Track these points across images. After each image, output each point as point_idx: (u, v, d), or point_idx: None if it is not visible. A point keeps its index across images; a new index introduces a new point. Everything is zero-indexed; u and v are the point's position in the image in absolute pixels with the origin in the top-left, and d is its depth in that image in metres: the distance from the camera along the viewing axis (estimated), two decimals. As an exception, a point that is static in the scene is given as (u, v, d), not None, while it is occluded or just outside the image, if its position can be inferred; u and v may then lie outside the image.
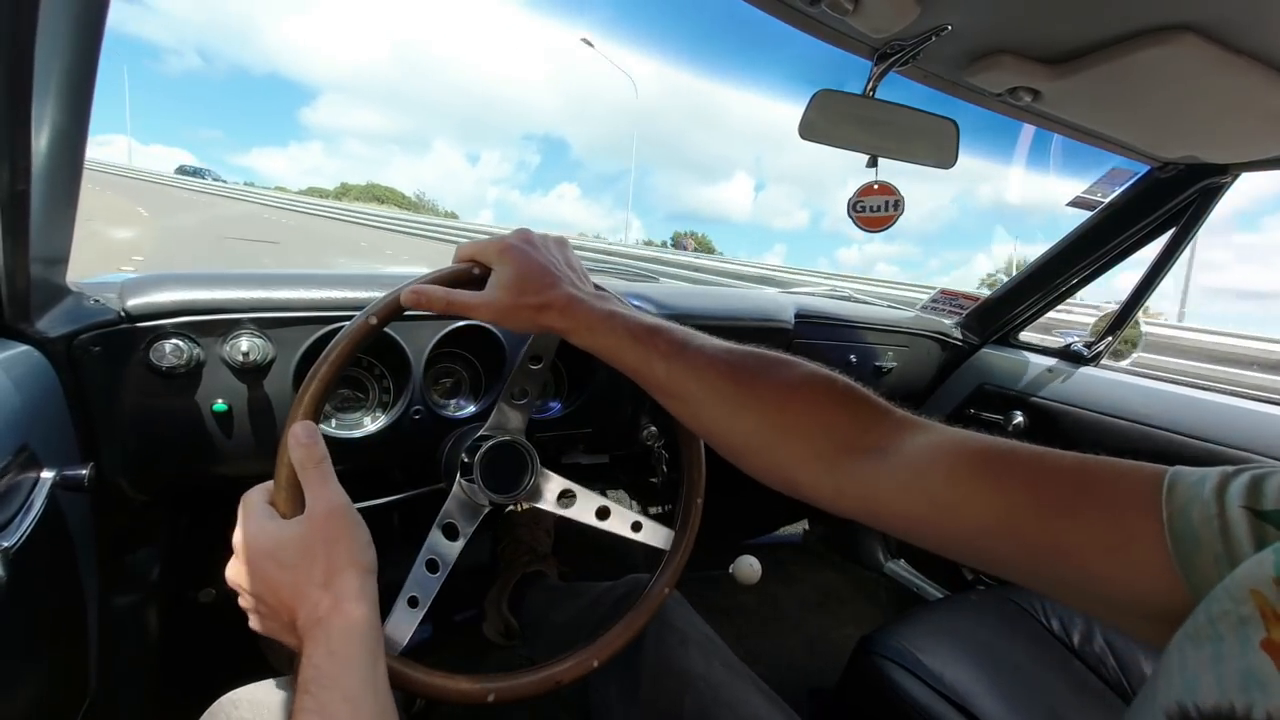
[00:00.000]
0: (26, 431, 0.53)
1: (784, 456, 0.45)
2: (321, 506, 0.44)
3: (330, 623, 0.40)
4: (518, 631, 1.04)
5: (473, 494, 0.59)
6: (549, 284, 0.50)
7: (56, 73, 0.45)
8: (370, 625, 0.41)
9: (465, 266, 0.53)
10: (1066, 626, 0.91)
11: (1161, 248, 1.14)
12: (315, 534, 0.43)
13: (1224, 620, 0.24)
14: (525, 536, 1.17)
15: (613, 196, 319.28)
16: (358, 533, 0.45)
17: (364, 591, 0.42)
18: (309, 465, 0.45)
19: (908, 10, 0.58)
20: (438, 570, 0.56)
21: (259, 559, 0.43)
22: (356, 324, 0.49)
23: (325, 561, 0.42)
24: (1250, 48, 0.56)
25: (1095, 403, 1.21)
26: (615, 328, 0.49)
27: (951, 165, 0.82)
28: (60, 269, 0.63)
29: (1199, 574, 0.29)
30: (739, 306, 1.15)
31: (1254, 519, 0.28)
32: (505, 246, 0.51)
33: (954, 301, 1.53)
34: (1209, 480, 0.31)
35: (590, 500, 0.63)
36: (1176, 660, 0.25)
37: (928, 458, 0.39)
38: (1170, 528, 0.30)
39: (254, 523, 0.44)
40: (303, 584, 0.41)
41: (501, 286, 0.50)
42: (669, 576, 0.65)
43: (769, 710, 0.63)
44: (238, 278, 0.74)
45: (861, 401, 0.44)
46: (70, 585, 0.65)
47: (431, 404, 0.83)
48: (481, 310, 0.50)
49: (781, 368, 0.46)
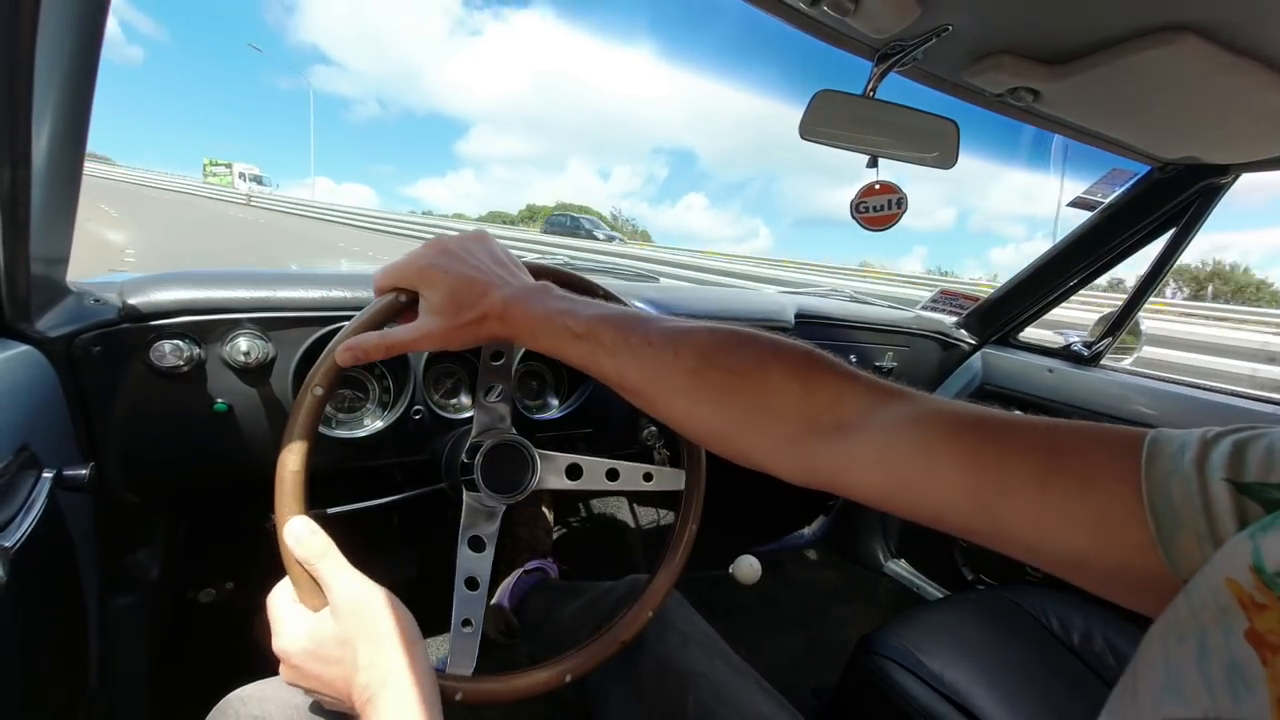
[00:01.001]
0: (27, 431, 0.53)
1: (745, 443, 0.43)
2: (344, 596, 0.44)
3: (381, 700, 0.41)
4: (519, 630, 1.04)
5: (482, 501, 0.59)
6: (480, 293, 0.47)
7: (57, 74, 0.45)
8: (422, 690, 0.42)
9: (390, 299, 0.49)
10: (1067, 626, 0.91)
11: (1162, 248, 1.14)
12: (348, 623, 0.43)
13: (1204, 611, 0.23)
14: (525, 535, 1.17)
15: (740, 204, 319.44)
16: (389, 608, 0.45)
17: (413, 661, 0.43)
18: (316, 559, 0.45)
19: (908, 11, 0.58)
20: (478, 587, 0.57)
21: (304, 660, 0.44)
22: (305, 401, 0.48)
23: (366, 645, 0.43)
24: (1250, 48, 0.56)
25: (1096, 403, 1.21)
26: (555, 327, 0.46)
27: (951, 166, 0.82)
28: (60, 269, 0.63)
29: (1182, 553, 0.28)
30: (739, 307, 1.15)
31: (1235, 493, 0.27)
32: (422, 266, 0.48)
33: (954, 301, 1.53)
34: (1189, 448, 0.29)
35: (597, 466, 0.64)
36: (1160, 654, 0.24)
37: (895, 432, 0.38)
38: (1150, 505, 0.28)
39: (288, 626, 0.45)
40: (350, 672, 0.42)
41: (433, 311, 0.47)
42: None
43: (772, 709, 0.63)
44: (238, 277, 0.74)
45: (825, 372, 0.42)
46: (70, 585, 0.65)
47: (432, 404, 0.83)
48: (421, 342, 0.48)
49: (735, 349, 0.43)
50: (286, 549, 0.45)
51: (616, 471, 0.64)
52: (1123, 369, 1.28)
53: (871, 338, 1.32)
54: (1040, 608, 0.94)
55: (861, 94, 0.72)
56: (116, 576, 0.82)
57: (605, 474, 0.64)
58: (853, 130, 0.79)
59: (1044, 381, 1.31)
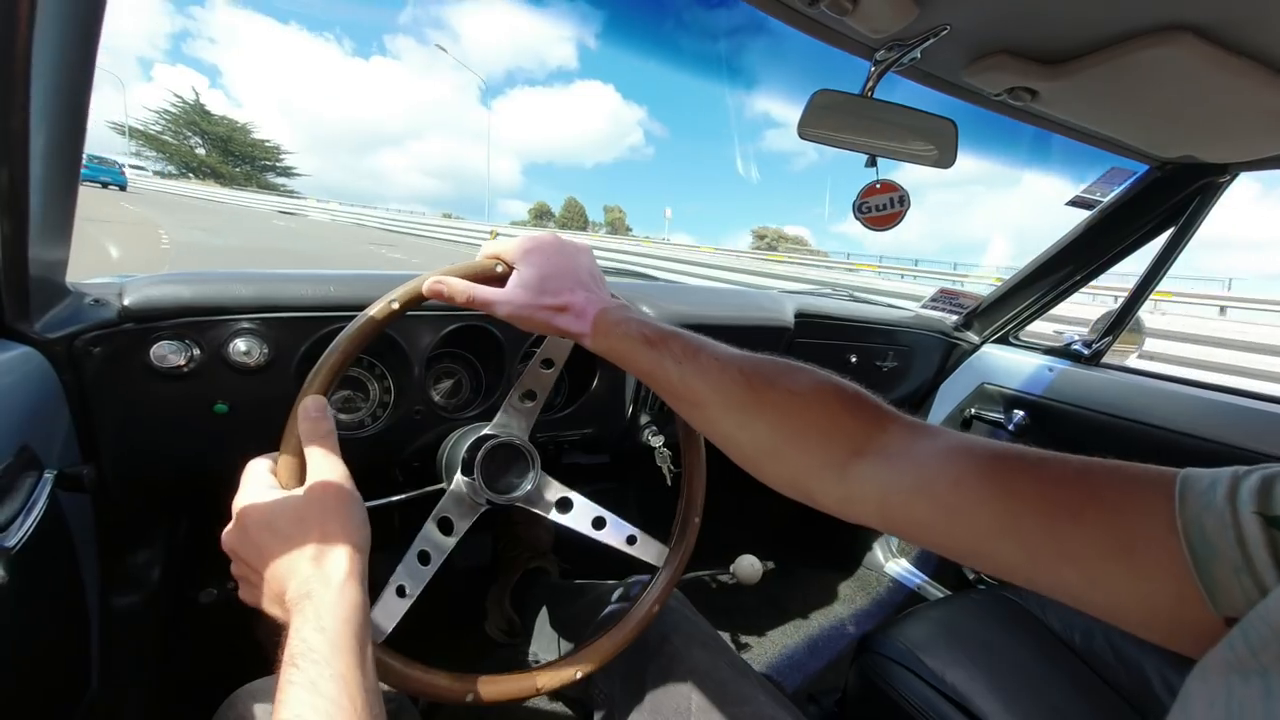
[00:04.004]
0: (27, 432, 0.53)
1: (795, 463, 0.45)
2: (320, 479, 0.45)
3: (320, 598, 0.40)
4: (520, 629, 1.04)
5: (471, 491, 0.59)
6: (568, 287, 0.51)
7: (55, 74, 0.45)
8: (360, 605, 0.41)
9: (489, 263, 0.53)
10: (1068, 626, 0.91)
11: (1161, 247, 1.14)
12: (312, 506, 0.43)
13: (1266, 652, 0.24)
14: (525, 534, 1.17)
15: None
16: (354, 509, 0.45)
17: (354, 569, 0.42)
18: (314, 438, 0.46)
19: (906, 10, 0.58)
20: (429, 562, 0.56)
21: (254, 526, 0.43)
22: (379, 306, 0.50)
23: (319, 534, 0.42)
24: (1248, 48, 0.56)
25: (1096, 402, 1.21)
26: (630, 333, 0.50)
27: (950, 165, 0.82)
28: (60, 269, 0.63)
29: (1219, 586, 0.28)
30: (739, 306, 1.15)
31: (1266, 526, 0.27)
32: (530, 247, 0.52)
33: (954, 301, 1.53)
34: (1220, 485, 0.30)
35: (587, 510, 0.63)
36: (1221, 691, 0.24)
37: (934, 462, 0.39)
38: (1186, 539, 0.29)
39: (253, 490, 0.45)
40: (294, 555, 0.41)
41: (522, 286, 0.51)
42: (658, 593, 0.64)
43: (775, 709, 0.63)
44: (238, 278, 0.74)
45: (870, 407, 0.45)
46: (71, 585, 0.66)
47: (432, 404, 0.83)
48: (500, 307, 0.51)
49: (793, 374, 0.47)
50: (291, 419, 0.46)
51: (603, 521, 0.64)
52: (1123, 368, 1.28)
53: (872, 337, 1.32)
54: (1041, 607, 0.94)
55: (860, 93, 0.72)
56: (117, 576, 0.82)
57: (591, 521, 0.63)
58: (851, 130, 0.79)
59: (1044, 380, 1.31)
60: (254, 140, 78.37)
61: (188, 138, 73.20)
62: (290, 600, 0.40)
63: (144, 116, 74.10)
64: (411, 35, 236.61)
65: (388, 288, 0.52)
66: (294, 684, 0.37)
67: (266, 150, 79.88)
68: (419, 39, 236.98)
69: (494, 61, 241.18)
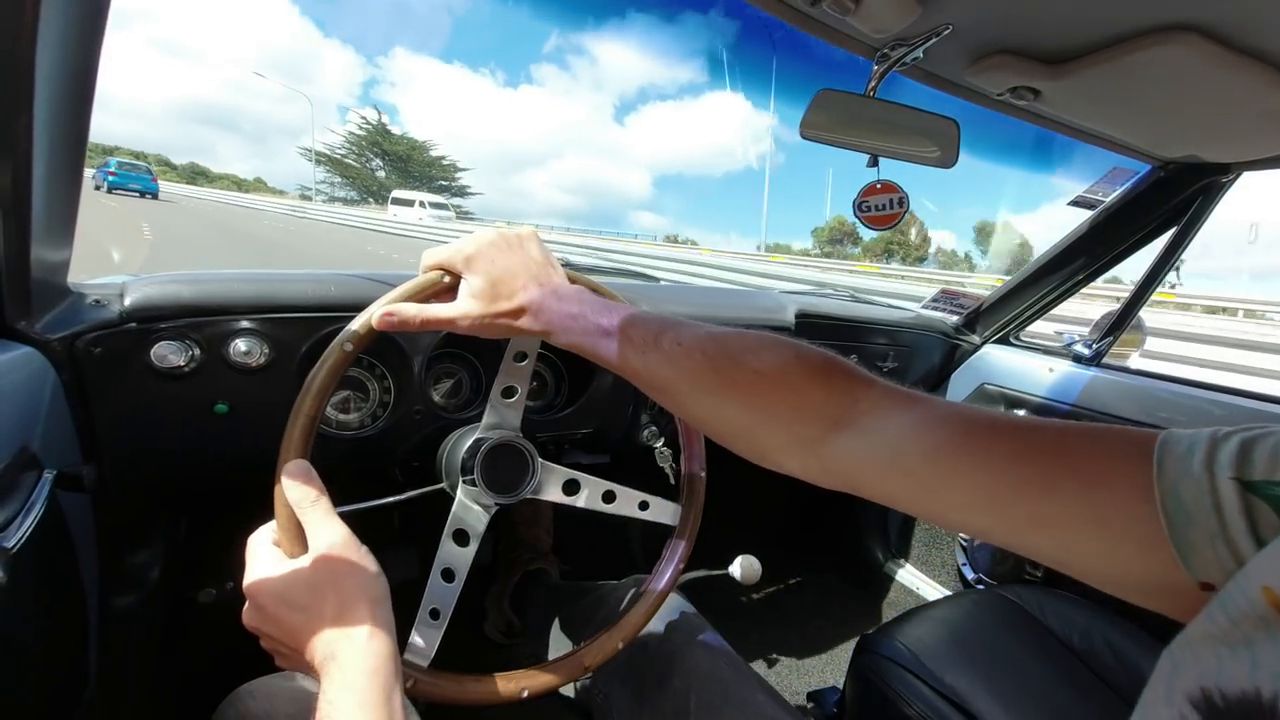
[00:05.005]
0: (28, 432, 0.53)
1: (768, 441, 0.45)
2: (324, 544, 0.44)
3: (344, 658, 0.40)
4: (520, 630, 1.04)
5: (477, 497, 0.59)
6: (520, 286, 0.49)
7: (57, 74, 0.45)
8: (385, 656, 0.41)
9: (435, 276, 0.51)
10: (1067, 627, 0.91)
11: (1163, 247, 1.14)
12: (321, 572, 0.43)
13: (1246, 622, 0.24)
14: (525, 535, 1.17)
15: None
16: (364, 565, 0.45)
17: (376, 623, 0.42)
18: (306, 504, 0.45)
19: (909, 10, 0.58)
20: (454, 579, 0.57)
21: (270, 602, 0.43)
22: (333, 354, 0.49)
23: (335, 598, 0.42)
24: (1252, 47, 0.56)
25: (1097, 402, 1.21)
26: (586, 325, 0.49)
27: (952, 165, 0.82)
28: (61, 270, 0.63)
29: (1194, 551, 0.28)
30: (739, 307, 1.15)
31: (1243, 491, 0.27)
32: (472, 253, 0.50)
33: (955, 301, 1.53)
34: (1199, 448, 0.29)
35: (595, 486, 0.64)
36: (1214, 665, 0.24)
37: (910, 434, 0.39)
38: (1163, 507, 0.29)
39: (261, 566, 0.44)
40: (314, 622, 0.41)
41: (473, 296, 0.49)
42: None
43: (774, 709, 0.63)
44: (238, 278, 0.74)
45: (840, 376, 0.44)
46: (70, 585, 0.65)
47: (432, 404, 0.83)
48: (458, 322, 0.50)
49: (758, 351, 0.46)
50: (279, 490, 0.45)
51: (613, 494, 0.64)
52: (1124, 368, 1.28)
53: (872, 337, 1.32)
54: (1040, 608, 0.94)
55: (863, 93, 0.72)
56: (116, 576, 0.82)
57: (602, 496, 0.64)
58: (853, 129, 0.79)
59: (1045, 380, 1.30)
60: (431, 158, 74.77)
61: (369, 159, 72.39)
62: (318, 664, 0.40)
63: (330, 140, 74.57)
64: (554, 62, 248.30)
65: (388, 288, 0.51)
66: None
67: (443, 167, 75.82)
68: (560, 65, 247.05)
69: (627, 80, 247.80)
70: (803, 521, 1.79)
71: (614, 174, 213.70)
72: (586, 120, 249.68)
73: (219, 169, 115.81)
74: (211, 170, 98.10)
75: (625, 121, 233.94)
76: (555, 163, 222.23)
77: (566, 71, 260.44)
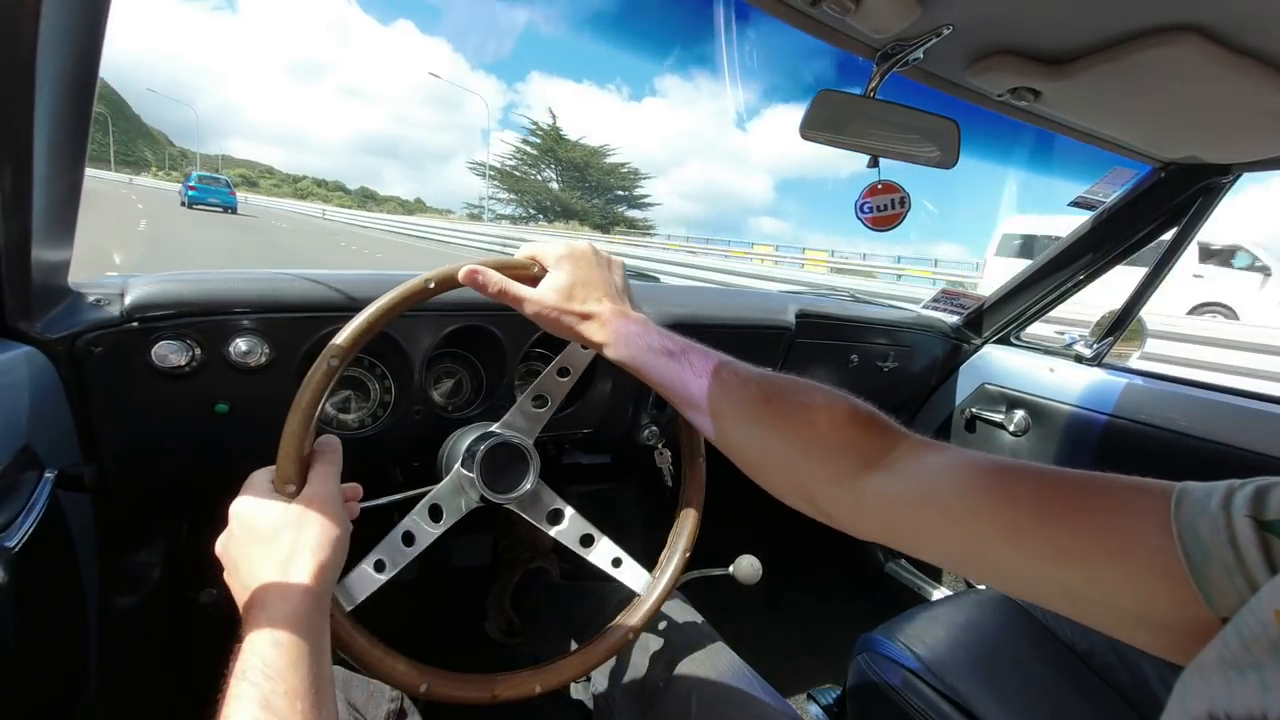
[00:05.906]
0: (28, 432, 0.53)
1: (805, 472, 0.47)
2: (310, 491, 0.46)
3: (274, 608, 0.40)
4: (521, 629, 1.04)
5: (467, 485, 0.59)
6: (596, 297, 0.53)
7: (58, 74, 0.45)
8: (315, 617, 0.41)
9: (525, 261, 0.55)
10: (1067, 626, 0.91)
11: (1164, 247, 1.14)
12: (292, 514, 0.45)
13: (1257, 645, 0.24)
14: (525, 534, 1.17)
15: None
16: (332, 526, 0.45)
17: (316, 587, 0.42)
18: (326, 450, 0.48)
19: (909, 10, 0.58)
20: (413, 544, 0.57)
21: (239, 527, 0.45)
22: (414, 283, 0.51)
23: (290, 543, 0.43)
24: (1252, 48, 0.56)
25: (1097, 402, 1.21)
26: (652, 345, 0.52)
27: (952, 165, 0.82)
28: (62, 269, 0.63)
29: (1213, 586, 0.29)
30: (741, 308, 1.15)
31: (1258, 529, 0.29)
32: (565, 253, 0.54)
33: (955, 301, 1.53)
34: (1215, 494, 0.31)
35: (577, 525, 0.63)
36: (1224, 689, 0.25)
37: (940, 474, 0.41)
38: (1181, 542, 0.31)
39: (246, 493, 0.47)
40: (264, 559, 0.42)
41: (553, 288, 0.52)
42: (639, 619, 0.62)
43: (774, 710, 0.63)
44: (238, 278, 0.74)
45: (881, 425, 0.47)
46: (71, 585, 0.66)
47: (433, 404, 0.83)
48: (528, 305, 0.52)
49: (809, 391, 0.49)
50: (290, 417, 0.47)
51: (592, 539, 0.63)
52: (1125, 368, 1.28)
53: (873, 338, 1.32)
54: (1040, 607, 0.94)
55: (863, 94, 0.72)
56: (117, 577, 0.82)
57: (580, 538, 0.63)
58: (854, 130, 0.79)
59: (1046, 380, 1.30)
60: (610, 165, 67.09)
61: (541, 170, 66.42)
62: (246, 606, 0.41)
63: (501, 150, 69.08)
64: (676, 74, 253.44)
65: (389, 287, 0.51)
66: (243, 698, 0.36)
67: (622, 175, 67.50)
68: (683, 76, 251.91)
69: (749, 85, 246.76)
70: (803, 521, 1.79)
71: (735, 179, 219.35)
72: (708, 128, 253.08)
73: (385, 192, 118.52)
74: (379, 193, 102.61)
75: (747, 128, 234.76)
76: (677, 170, 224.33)
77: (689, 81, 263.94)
